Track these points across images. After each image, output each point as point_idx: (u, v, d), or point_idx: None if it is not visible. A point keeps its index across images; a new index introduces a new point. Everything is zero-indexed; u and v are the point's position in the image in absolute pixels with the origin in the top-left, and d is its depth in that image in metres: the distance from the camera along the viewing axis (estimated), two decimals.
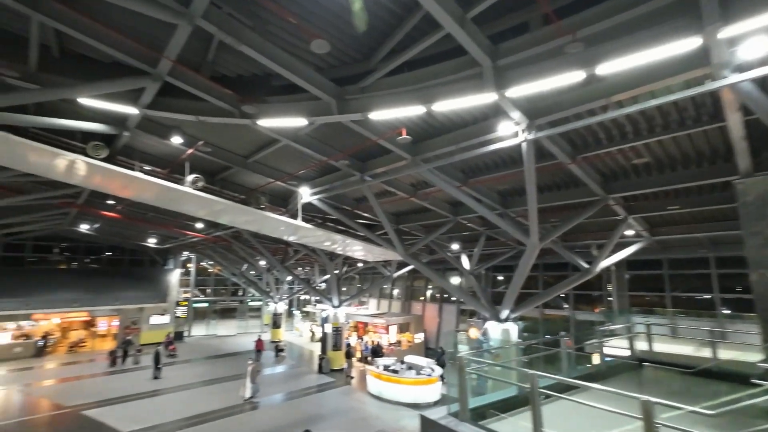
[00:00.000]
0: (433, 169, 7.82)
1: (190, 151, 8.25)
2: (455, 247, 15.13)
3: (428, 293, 25.13)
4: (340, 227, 13.67)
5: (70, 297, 22.96)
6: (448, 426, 4.70)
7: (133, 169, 7.90)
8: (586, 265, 12.28)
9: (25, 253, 25.17)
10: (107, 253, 28.50)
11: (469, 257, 15.74)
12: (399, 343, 21.16)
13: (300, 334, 29.60)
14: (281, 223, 10.12)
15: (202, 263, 34.31)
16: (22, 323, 22.59)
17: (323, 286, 25.55)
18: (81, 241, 27.08)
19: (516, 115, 5.64)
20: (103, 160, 7.47)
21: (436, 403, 13.51)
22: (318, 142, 7.98)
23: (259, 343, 22.14)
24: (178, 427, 11.51)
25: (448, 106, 5.43)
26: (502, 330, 11.23)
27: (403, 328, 22.29)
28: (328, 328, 18.41)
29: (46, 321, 23.64)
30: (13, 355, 21.23)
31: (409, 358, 15.24)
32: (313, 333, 27.60)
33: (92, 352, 23.52)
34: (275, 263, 20.39)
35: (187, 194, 8.42)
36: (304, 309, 34.04)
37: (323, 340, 19.01)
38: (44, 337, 22.90)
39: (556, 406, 4.99)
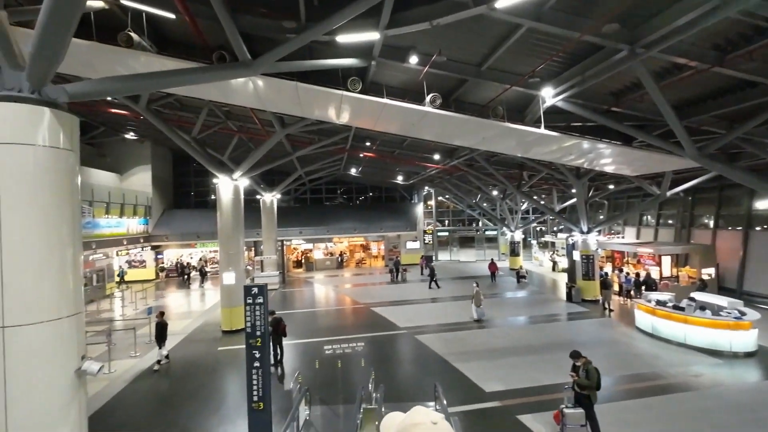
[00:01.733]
0: None
1: (425, 68, 8.27)
2: None
3: (727, 216, 18.64)
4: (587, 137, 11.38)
5: (351, 225, 29.86)
6: None
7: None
8: None
9: (322, 195, 34.20)
10: (370, 193, 35.23)
11: None
12: (676, 277, 16.96)
13: (539, 264, 28.49)
14: (523, 133, 9.16)
15: (440, 198, 37.60)
16: (328, 244, 31.28)
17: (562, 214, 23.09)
18: (353, 183, 34.41)
19: None
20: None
21: (749, 356, 10.12)
22: (565, 16, 6.38)
23: (492, 266, 22.74)
24: (434, 330, 13.25)
25: None
26: None
27: (680, 261, 17.65)
28: (576, 256, 16.58)
29: (340, 243, 31.88)
30: (325, 267, 29.96)
31: (701, 296, 11.84)
32: (554, 263, 25.94)
33: (370, 267, 30.35)
34: (510, 188, 19.58)
35: (428, 114, 8.65)
36: (542, 239, 32.34)
37: (571, 268, 17.38)
38: (340, 254, 31.10)
39: None
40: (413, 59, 7.97)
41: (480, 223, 35.04)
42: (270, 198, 23.76)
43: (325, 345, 11.74)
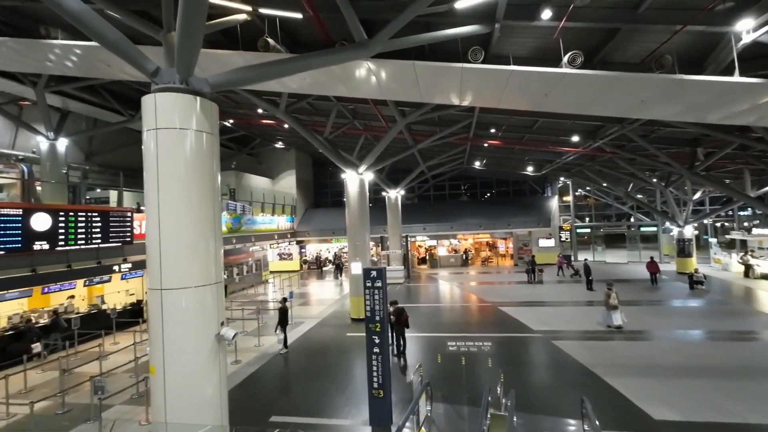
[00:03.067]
0: None
1: (561, 23, 6.99)
2: None
3: None
4: None
5: (476, 222, 28.54)
6: None
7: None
8: None
9: (445, 191, 33.69)
10: (496, 187, 33.16)
11: None
12: None
13: (723, 268, 22.29)
14: (704, 87, 6.99)
15: (578, 191, 33.08)
16: (452, 241, 30.60)
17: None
18: (477, 178, 32.97)
19: None
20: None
21: None
22: None
23: (652, 265, 18.81)
24: (575, 336, 11.35)
25: None
26: None
27: None
28: None
29: (465, 240, 30.82)
30: (449, 264, 29.33)
31: None
32: (748, 266, 19.90)
33: (497, 266, 28.49)
34: (680, 170, 15.70)
35: (565, 77, 7.33)
36: (726, 236, 25.27)
37: None
38: (465, 252, 30.03)
39: None
40: (545, 14, 6.82)
41: (632, 219, 29.43)
42: (395, 194, 24.35)
43: (449, 341, 11.17)
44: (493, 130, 16.33)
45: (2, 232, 10.02)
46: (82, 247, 12.15)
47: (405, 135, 16.85)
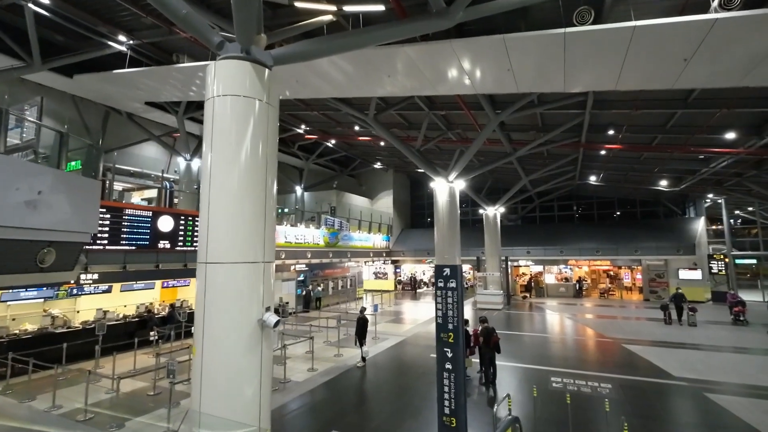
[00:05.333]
0: None
1: None
2: None
3: None
4: None
5: (593, 246, 24.58)
6: None
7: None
8: None
9: (554, 213, 30.13)
10: (619, 207, 28.39)
11: None
12: None
13: None
14: None
15: (736, 211, 26.25)
16: (562, 267, 26.87)
17: None
18: (593, 198, 28.82)
19: None
20: None
21: None
22: None
23: None
24: (743, 392, 8.15)
25: None
26: None
27: None
28: None
29: (578, 268, 26.77)
30: (559, 294, 25.66)
31: None
32: None
33: (620, 300, 23.83)
34: None
35: (717, 26, 5.49)
36: None
37: None
38: (579, 281, 25.97)
39: None
40: None
41: None
42: (493, 212, 22.51)
43: (553, 376, 9.11)
44: (611, 132, 13.78)
45: (134, 231, 11.65)
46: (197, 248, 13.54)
47: (502, 141, 15.38)
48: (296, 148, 24.06)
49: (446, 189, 13.27)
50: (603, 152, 16.44)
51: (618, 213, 28.40)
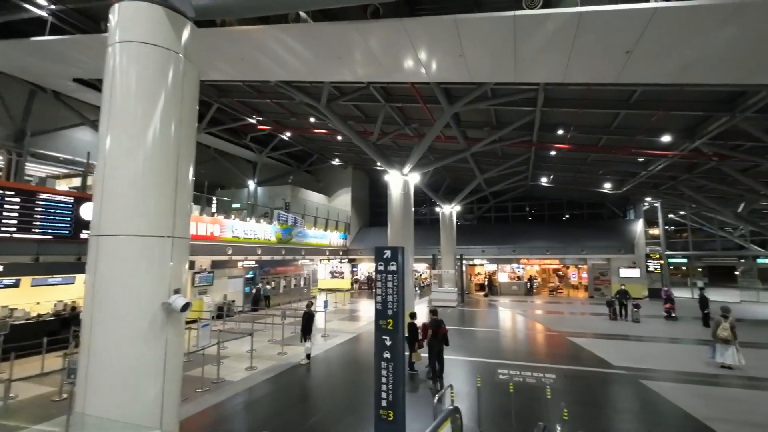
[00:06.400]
0: None
1: None
2: None
3: None
4: None
5: (544, 245, 25.49)
6: None
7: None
8: None
9: (508, 213, 30.99)
10: (567, 209, 29.70)
11: None
12: None
13: None
14: None
15: (670, 215, 28.30)
16: (514, 266, 27.61)
17: None
18: (544, 199, 29.94)
19: None
20: None
21: None
22: None
23: None
24: (674, 378, 8.54)
25: None
26: None
27: None
28: None
29: (530, 267, 27.65)
30: (511, 291, 26.34)
31: None
32: None
33: (568, 298, 24.86)
34: None
35: (657, 14, 5.55)
36: None
37: None
38: (530, 280, 26.81)
39: None
40: None
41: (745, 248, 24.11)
42: (449, 210, 22.66)
43: (501, 368, 9.02)
44: (560, 132, 14.20)
45: (51, 218, 10.34)
46: None
47: (458, 137, 15.41)
48: (249, 139, 22.94)
49: (401, 182, 13.02)
50: (553, 152, 16.97)
51: (566, 214, 29.71)
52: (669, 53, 6.79)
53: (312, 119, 17.79)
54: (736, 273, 25.35)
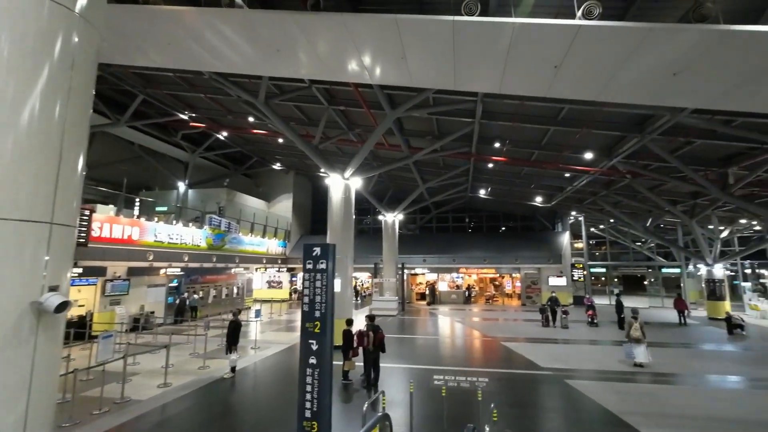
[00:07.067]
0: None
1: None
2: None
3: None
4: None
5: (481, 255, 26.49)
6: None
7: None
8: None
9: (449, 224, 31.92)
10: (503, 221, 31.32)
11: None
12: None
13: (762, 315, 19.60)
14: (760, 39, 5.44)
15: (592, 229, 31.01)
16: (454, 275, 28.34)
17: None
18: (483, 211, 31.28)
19: None
20: None
21: None
22: None
23: (680, 302, 17.61)
24: (595, 377, 9.09)
25: None
26: None
27: None
28: None
29: (468, 276, 28.56)
30: (451, 300, 26.92)
31: None
32: None
33: (503, 306, 25.97)
34: (714, 192, 13.79)
35: (581, 32, 5.91)
36: (763, 280, 22.70)
37: None
38: (468, 288, 27.66)
39: None
40: None
41: (653, 260, 27.08)
42: (392, 218, 22.72)
43: (436, 374, 8.95)
44: (497, 145, 14.88)
45: None
46: None
47: (402, 145, 15.53)
48: (180, 137, 21.28)
49: (342, 186, 12.70)
50: (491, 165, 17.75)
51: (503, 226, 31.29)
52: (592, 71, 7.29)
53: (251, 118, 16.94)
54: (645, 282, 28.32)
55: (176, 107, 17.04)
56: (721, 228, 22.30)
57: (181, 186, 24.11)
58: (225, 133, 20.62)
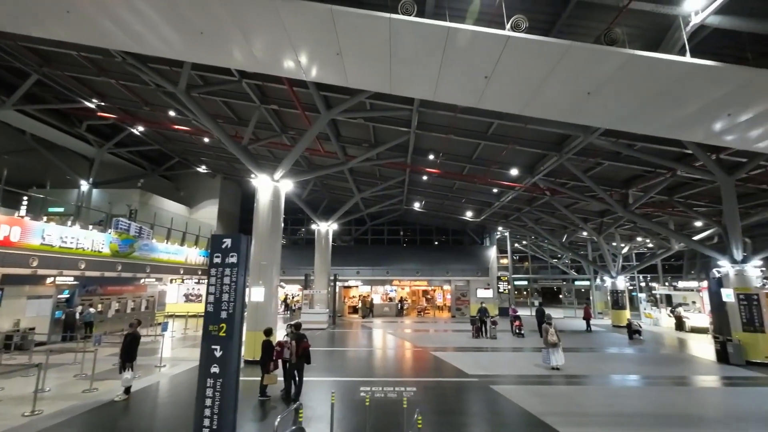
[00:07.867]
0: None
1: None
2: None
3: None
4: None
5: (414, 267, 26.80)
6: None
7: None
8: None
9: (384, 236, 31.98)
10: (436, 235, 32.17)
11: None
12: None
13: (654, 322, 22.20)
14: (658, 65, 6.07)
15: (515, 245, 33.14)
16: (387, 288, 28.27)
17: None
18: (416, 224, 31.89)
19: None
20: None
21: None
22: None
23: (587, 312, 19.55)
24: (517, 381, 9.38)
25: None
26: None
27: None
28: (729, 295, 11.62)
29: (401, 288, 28.66)
30: (383, 313, 26.67)
31: None
32: (679, 319, 19.80)
33: (434, 318, 26.38)
34: (617, 209, 15.31)
35: (509, 43, 6.11)
36: (654, 292, 25.85)
37: (720, 315, 12.23)
38: (400, 301, 27.72)
39: None
40: None
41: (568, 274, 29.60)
42: (325, 228, 22.08)
43: (362, 386, 8.51)
44: (431, 157, 15.21)
45: None
46: None
47: (338, 152, 15.19)
48: (85, 129, 18.76)
49: (270, 188, 11.92)
50: (425, 177, 18.09)
51: (435, 239, 32.13)
52: (519, 84, 7.65)
53: (172, 112, 15.44)
54: (560, 295, 30.77)
55: (80, 93, 14.98)
56: (623, 245, 25.10)
57: (84, 185, 21.15)
58: (140, 128, 18.59)
